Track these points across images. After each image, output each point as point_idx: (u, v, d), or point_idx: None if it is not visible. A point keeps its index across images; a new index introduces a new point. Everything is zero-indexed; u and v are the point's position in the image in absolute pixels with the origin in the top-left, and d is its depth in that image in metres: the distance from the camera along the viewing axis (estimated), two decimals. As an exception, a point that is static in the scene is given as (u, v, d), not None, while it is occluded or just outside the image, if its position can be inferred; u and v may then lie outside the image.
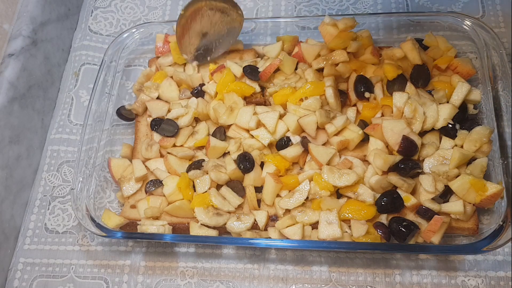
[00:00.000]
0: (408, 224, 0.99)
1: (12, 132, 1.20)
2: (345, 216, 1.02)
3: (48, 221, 1.21)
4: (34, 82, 1.29)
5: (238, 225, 1.05)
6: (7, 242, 1.16)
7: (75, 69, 1.41)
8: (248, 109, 1.15)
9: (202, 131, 1.19)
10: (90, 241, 1.17)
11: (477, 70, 1.16)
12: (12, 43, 1.25)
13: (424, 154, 1.05)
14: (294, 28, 1.28)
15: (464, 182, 0.99)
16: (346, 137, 1.09)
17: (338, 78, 1.17)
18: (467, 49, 1.24)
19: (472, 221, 1.01)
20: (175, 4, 1.48)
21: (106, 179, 1.21)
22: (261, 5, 1.44)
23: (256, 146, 1.12)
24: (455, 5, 1.34)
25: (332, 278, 1.06)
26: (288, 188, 1.08)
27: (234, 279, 1.09)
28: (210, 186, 1.10)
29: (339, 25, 1.18)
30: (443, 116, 1.06)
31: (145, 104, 1.23)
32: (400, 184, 1.02)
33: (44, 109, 1.33)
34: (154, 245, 1.14)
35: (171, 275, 1.11)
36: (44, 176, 1.27)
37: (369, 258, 1.07)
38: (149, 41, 1.37)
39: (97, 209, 1.14)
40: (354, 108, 1.15)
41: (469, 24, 1.18)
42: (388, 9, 1.37)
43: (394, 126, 1.05)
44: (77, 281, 1.13)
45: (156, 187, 1.12)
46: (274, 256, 1.10)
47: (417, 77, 1.14)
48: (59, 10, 1.41)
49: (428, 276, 1.04)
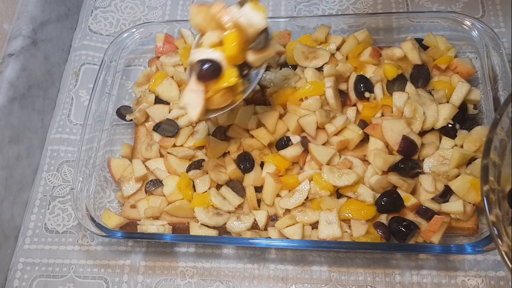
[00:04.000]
0: (408, 224, 0.99)
1: (12, 132, 1.20)
2: (345, 216, 1.02)
3: (48, 221, 1.21)
4: (34, 82, 1.29)
5: (238, 225, 1.05)
6: (7, 242, 1.16)
7: (75, 69, 1.41)
8: (248, 109, 1.15)
9: (202, 131, 1.19)
10: (90, 241, 1.17)
11: (477, 70, 1.16)
12: (12, 43, 1.25)
13: (424, 154, 1.05)
14: (294, 28, 1.28)
15: (464, 182, 0.99)
16: (346, 137, 1.09)
17: (338, 78, 1.17)
18: (467, 49, 1.24)
19: (472, 221, 1.01)
20: (175, 4, 1.48)
21: (106, 179, 1.21)
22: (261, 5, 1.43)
23: (256, 146, 1.12)
24: (455, 5, 1.34)
25: (332, 278, 1.06)
26: (288, 188, 1.08)
27: (234, 279, 1.09)
28: (210, 186, 1.10)
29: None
30: (443, 116, 1.06)
31: (146, 112, 1.23)
32: (400, 184, 1.02)
33: (44, 109, 1.33)
34: (154, 245, 1.14)
35: (171, 275, 1.11)
36: (44, 176, 1.27)
37: (369, 258, 1.07)
38: (149, 41, 1.37)
39: (97, 209, 1.14)
40: (354, 108, 1.15)
41: (469, 24, 1.18)
42: (388, 9, 1.37)
43: (394, 126, 1.05)
44: (77, 281, 1.13)
45: (156, 187, 1.12)
46: (274, 256, 1.10)
47: (417, 77, 1.14)
48: (59, 10, 1.41)
49: (428, 276, 1.04)
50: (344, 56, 1.21)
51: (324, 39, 1.24)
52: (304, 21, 1.29)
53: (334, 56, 1.22)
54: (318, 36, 1.24)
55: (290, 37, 1.26)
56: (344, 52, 1.21)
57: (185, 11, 1.46)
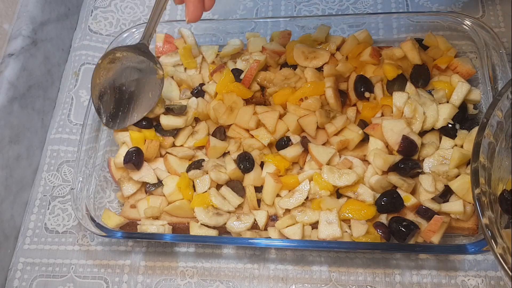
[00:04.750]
0: (408, 224, 0.99)
1: (12, 132, 1.20)
2: (345, 216, 1.02)
3: (48, 221, 1.21)
4: (34, 82, 1.29)
5: (238, 225, 1.05)
6: (7, 242, 1.16)
7: (75, 69, 1.41)
8: (248, 109, 1.15)
9: (202, 131, 1.19)
10: (90, 241, 1.17)
11: (477, 70, 1.16)
12: (12, 43, 1.25)
13: (424, 154, 1.05)
14: (294, 28, 1.28)
15: (464, 182, 0.99)
16: (346, 137, 1.09)
17: (338, 78, 1.17)
18: (467, 49, 1.23)
19: (472, 221, 1.01)
20: (175, 4, 1.48)
21: (106, 179, 1.21)
22: (261, 5, 1.44)
23: (256, 146, 1.12)
24: (455, 5, 1.34)
25: (332, 278, 1.06)
26: (288, 188, 1.08)
27: (234, 279, 1.09)
28: (210, 186, 1.10)
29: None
30: (443, 116, 1.06)
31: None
32: (400, 184, 1.02)
33: (44, 109, 1.33)
34: (154, 245, 1.14)
35: (171, 275, 1.11)
36: (44, 176, 1.27)
37: (369, 258, 1.07)
38: (149, 41, 1.37)
39: (97, 209, 1.14)
40: (354, 108, 1.15)
41: (469, 24, 1.18)
42: (388, 9, 1.37)
43: (394, 126, 1.05)
44: (77, 281, 1.13)
45: (156, 187, 1.12)
46: (274, 256, 1.10)
47: (417, 77, 1.14)
48: (59, 10, 1.41)
49: (428, 276, 1.04)
50: (344, 56, 1.21)
51: (324, 39, 1.24)
52: (304, 21, 1.29)
53: (334, 56, 1.22)
54: (318, 36, 1.24)
55: (290, 37, 1.26)
56: (344, 52, 1.21)
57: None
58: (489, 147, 0.80)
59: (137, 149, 1.13)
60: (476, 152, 0.79)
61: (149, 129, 1.17)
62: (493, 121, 0.81)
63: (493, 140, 0.81)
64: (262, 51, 1.25)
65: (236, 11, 1.44)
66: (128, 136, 1.15)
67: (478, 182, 0.77)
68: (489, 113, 0.82)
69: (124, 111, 1.16)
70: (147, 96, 1.16)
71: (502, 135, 0.83)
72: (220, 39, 1.35)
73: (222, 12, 1.44)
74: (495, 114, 0.81)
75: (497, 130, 0.82)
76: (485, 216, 0.75)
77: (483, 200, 0.76)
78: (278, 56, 1.23)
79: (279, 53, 1.23)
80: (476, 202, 0.76)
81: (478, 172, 0.78)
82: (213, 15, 1.44)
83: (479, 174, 0.78)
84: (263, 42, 1.26)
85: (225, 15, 1.44)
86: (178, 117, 1.17)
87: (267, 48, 1.24)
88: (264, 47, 1.24)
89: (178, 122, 1.17)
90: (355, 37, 1.22)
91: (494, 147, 0.81)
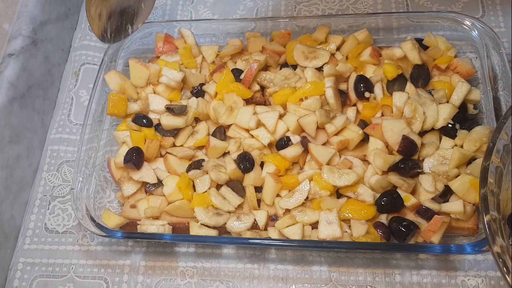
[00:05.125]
0: (408, 224, 0.99)
1: (12, 132, 1.20)
2: (345, 216, 1.02)
3: (48, 221, 1.21)
4: (34, 82, 1.29)
5: (238, 225, 1.05)
6: (7, 242, 1.16)
7: (75, 69, 1.41)
8: (248, 109, 1.15)
9: (202, 131, 1.19)
10: (90, 241, 1.17)
11: (477, 70, 1.16)
12: (12, 43, 1.25)
13: (424, 154, 1.05)
14: (294, 28, 1.28)
15: (464, 182, 0.99)
16: (346, 137, 1.09)
17: (338, 78, 1.17)
18: (467, 49, 1.24)
19: (472, 221, 1.01)
20: (175, 4, 1.48)
21: (106, 179, 1.21)
22: (261, 5, 1.44)
23: (256, 146, 1.12)
24: (455, 5, 1.34)
25: (332, 278, 1.06)
26: (288, 188, 1.08)
27: (234, 279, 1.09)
28: (210, 186, 1.10)
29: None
30: (443, 116, 1.06)
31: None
32: (400, 184, 1.02)
33: (44, 109, 1.33)
34: (154, 245, 1.14)
35: (171, 275, 1.11)
36: (44, 176, 1.27)
37: (369, 258, 1.07)
38: (149, 41, 1.37)
39: (97, 209, 1.14)
40: (354, 108, 1.15)
41: (469, 24, 1.18)
42: (388, 9, 1.37)
43: (394, 126, 1.05)
44: (77, 281, 1.13)
45: (156, 187, 1.12)
46: (274, 256, 1.10)
47: (417, 77, 1.14)
48: (59, 10, 1.41)
49: (428, 276, 1.04)
50: (344, 56, 1.21)
51: (324, 39, 1.24)
52: (304, 21, 1.29)
53: (334, 56, 1.22)
54: (318, 36, 1.24)
55: (290, 37, 1.26)
56: (344, 52, 1.21)
57: (185, 11, 1.46)
58: (496, 171, 0.79)
59: (137, 149, 1.13)
60: (484, 178, 0.78)
61: (149, 128, 1.17)
62: (499, 145, 0.80)
63: (500, 164, 0.80)
64: (262, 51, 1.25)
65: (236, 11, 1.44)
66: (128, 136, 1.16)
67: (488, 209, 0.76)
68: (495, 137, 0.81)
69: (118, 24, 1.13)
70: (140, 7, 1.12)
71: (509, 158, 0.81)
72: (220, 39, 1.35)
73: (222, 12, 1.44)
74: (501, 137, 0.80)
75: (504, 153, 0.80)
76: (496, 244, 0.73)
77: (494, 227, 0.75)
78: (278, 56, 1.24)
79: (279, 53, 1.23)
80: (487, 230, 0.74)
81: (487, 199, 0.76)
82: (213, 15, 1.44)
83: (488, 200, 0.76)
84: (263, 42, 1.26)
85: (225, 15, 1.44)
86: (178, 117, 1.17)
87: (267, 48, 1.24)
88: (264, 47, 1.25)
89: (178, 122, 1.17)
90: (355, 37, 1.22)
91: (501, 171, 0.80)
